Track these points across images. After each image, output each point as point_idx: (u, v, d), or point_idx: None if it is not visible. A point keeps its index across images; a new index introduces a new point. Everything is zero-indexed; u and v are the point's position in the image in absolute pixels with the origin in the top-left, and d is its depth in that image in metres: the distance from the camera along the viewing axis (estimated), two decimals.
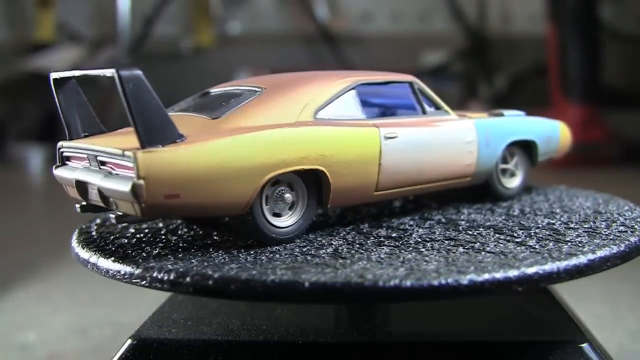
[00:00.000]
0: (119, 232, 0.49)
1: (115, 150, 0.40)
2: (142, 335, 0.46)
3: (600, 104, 1.90)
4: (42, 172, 1.99)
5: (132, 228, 0.50)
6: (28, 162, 2.05)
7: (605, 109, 1.90)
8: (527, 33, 2.30)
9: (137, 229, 0.50)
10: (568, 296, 0.58)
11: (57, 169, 0.46)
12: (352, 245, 0.43)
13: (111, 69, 0.39)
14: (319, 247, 0.43)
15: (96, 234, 0.48)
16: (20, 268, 0.99)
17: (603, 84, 1.96)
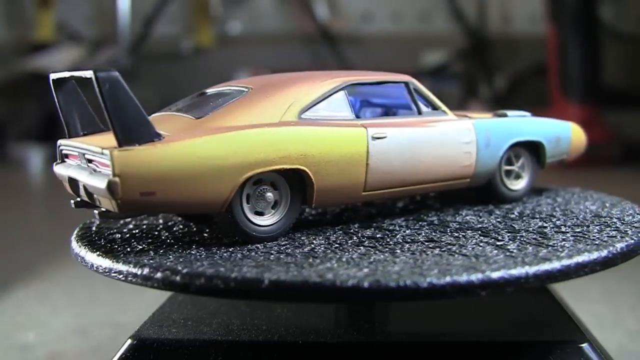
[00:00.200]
0: (116, 228, 0.49)
1: (97, 148, 0.41)
2: (142, 335, 0.46)
3: (600, 104, 1.90)
4: (42, 172, 1.99)
5: (132, 224, 0.50)
6: (28, 162, 2.05)
7: (605, 109, 1.90)
8: (527, 33, 2.30)
9: (136, 225, 0.50)
10: (568, 296, 0.58)
11: (56, 166, 0.48)
12: (331, 245, 0.43)
13: (89, 71, 0.40)
14: (297, 246, 0.43)
15: (96, 229, 0.49)
16: (21, 268, 0.99)
17: (603, 84, 1.96)
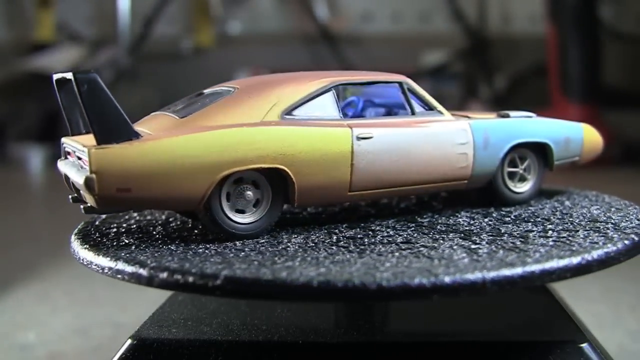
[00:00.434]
0: (116, 223, 0.50)
1: (80, 146, 0.43)
2: (142, 335, 0.46)
3: (600, 104, 1.89)
4: (42, 172, 1.99)
5: (133, 220, 0.51)
6: (28, 162, 2.04)
7: (605, 109, 1.90)
8: (527, 33, 2.30)
9: (138, 220, 0.51)
10: (568, 295, 0.58)
11: (59, 162, 0.49)
12: (306, 244, 0.44)
13: (69, 72, 0.42)
14: (273, 245, 0.44)
15: (99, 223, 0.51)
16: (20, 268, 0.99)
17: (603, 84, 1.96)
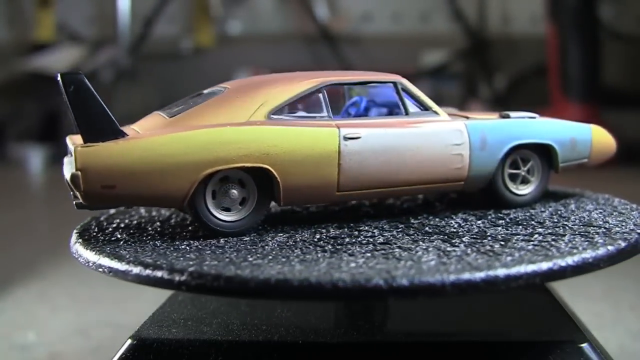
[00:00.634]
0: (118, 220, 0.51)
1: (71, 144, 0.45)
2: (142, 335, 0.46)
3: (600, 104, 1.89)
4: (42, 172, 1.99)
5: (136, 216, 0.53)
6: (28, 162, 2.04)
7: (605, 109, 1.90)
8: (527, 33, 2.29)
9: (140, 217, 0.52)
10: (568, 295, 0.58)
11: (65, 160, 0.50)
12: (286, 243, 0.44)
13: (57, 74, 0.43)
14: (255, 243, 0.44)
15: (102, 220, 0.52)
16: (20, 268, 0.99)
17: (603, 84, 1.96)
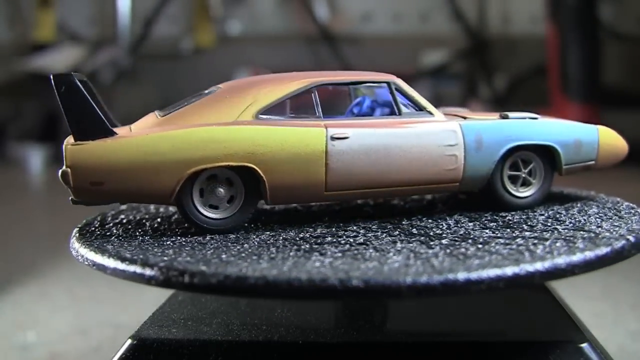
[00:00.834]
0: (124, 214, 0.53)
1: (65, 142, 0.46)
2: (142, 335, 0.46)
3: (600, 104, 1.89)
4: (42, 172, 1.99)
5: (139, 213, 0.53)
6: (28, 162, 2.04)
7: (606, 109, 1.90)
8: (527, 33, 2.29)
9: (144, 213, 0.53)
10: (568, 295, 0.58)
11: None
12: (267, 241, 0.44)
13: (49, 74, 0.45)
14: (237, 240, 0.45)
15: (112, 215, 0.53)
16: (20, 268, 0.99)
17: (603, 84, 1.96)
